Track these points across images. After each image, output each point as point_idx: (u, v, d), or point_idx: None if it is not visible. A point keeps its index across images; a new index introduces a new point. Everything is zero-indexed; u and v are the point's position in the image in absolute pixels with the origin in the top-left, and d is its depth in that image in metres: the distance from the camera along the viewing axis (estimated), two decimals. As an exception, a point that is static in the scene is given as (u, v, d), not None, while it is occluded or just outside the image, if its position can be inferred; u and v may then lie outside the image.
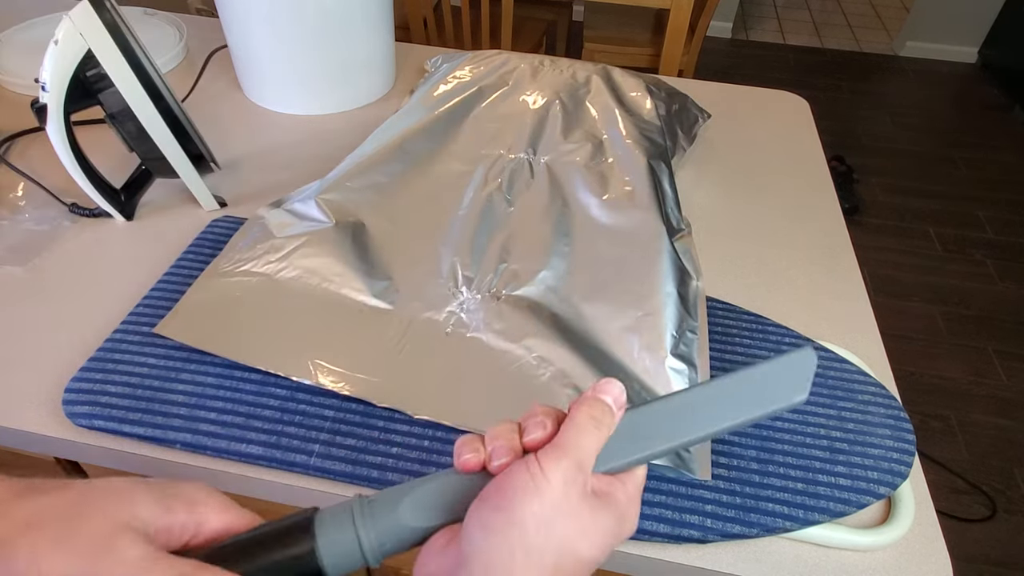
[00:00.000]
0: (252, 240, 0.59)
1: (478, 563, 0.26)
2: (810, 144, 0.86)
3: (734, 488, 0.46)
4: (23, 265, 0.62)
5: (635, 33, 1.91)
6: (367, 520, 0.29)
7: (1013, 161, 2.44)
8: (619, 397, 0.31)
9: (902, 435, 0.50)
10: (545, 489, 0.27)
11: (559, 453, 0.28)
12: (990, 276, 1.96)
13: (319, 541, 0.28)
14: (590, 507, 0.28)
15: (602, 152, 0.70)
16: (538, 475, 0.27)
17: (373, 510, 0.29)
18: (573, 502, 0.28)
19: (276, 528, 0.29)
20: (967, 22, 2.97)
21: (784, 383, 0.30)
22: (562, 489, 0.27)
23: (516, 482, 0.27)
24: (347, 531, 0.28)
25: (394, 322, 0.53)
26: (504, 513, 0.27)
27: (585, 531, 0.28)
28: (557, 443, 0.29)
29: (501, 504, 0.27)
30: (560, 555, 0.27)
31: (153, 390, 0.50)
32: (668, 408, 0.31)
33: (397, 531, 0.29)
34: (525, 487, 0.27)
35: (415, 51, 1.01)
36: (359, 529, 0.28)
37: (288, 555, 0.28)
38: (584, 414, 0.30)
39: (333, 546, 0.28)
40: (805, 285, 0.65)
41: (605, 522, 0.29)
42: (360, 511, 0.29)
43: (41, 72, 0.57)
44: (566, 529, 0.27)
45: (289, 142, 0.81)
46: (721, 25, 3.19)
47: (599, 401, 0.30)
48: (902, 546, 0.45)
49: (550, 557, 0.27)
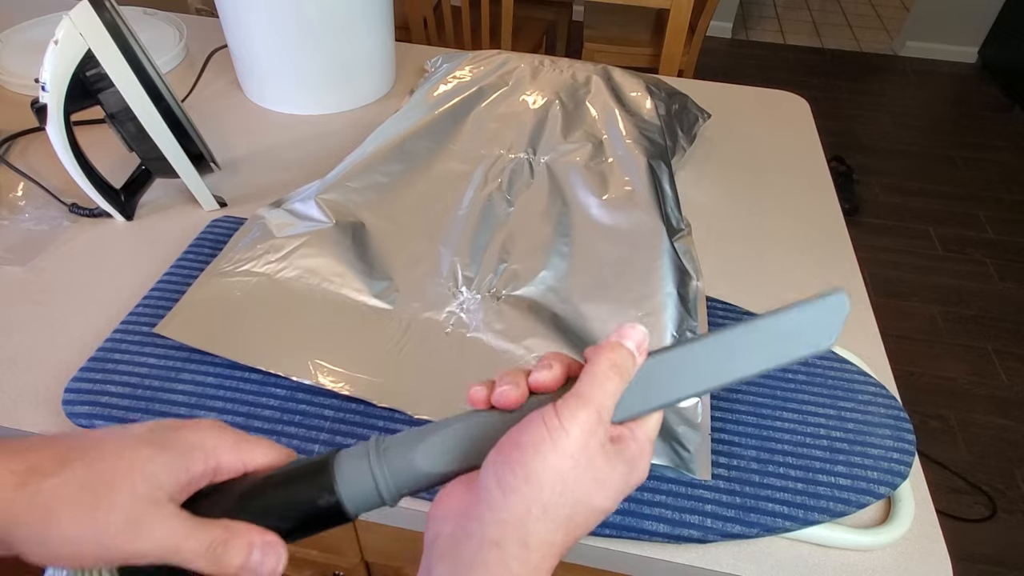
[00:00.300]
0: (252, 240, 0.59)
1: (492, 518, 0.26)
2: (810, 144, 0.86)
3: (734, 488, 0.46)
4: (23, 265, 0.62)
5: (635, 33, 1.91)
6: (382, 463, 0.29)
7: (1013, 161, 2.44)
8: (642, 343, 0.30)
9: (902, 435, 0.50)
10: (563, 443, 0.26)
11: (578, 403, 0.27)
12: (990, 276, 1.96)
13: (338, 481, 0.29)
14: (606, 457, 0.28)
15: (602, 152, 0.70)
16: (556, 428, 0.26)
17: (388, 454, 0.29)
18: (591, 454, 0.27)
19: (297, 468, 0.30)
20: (967, 22, 2.97)
21: (811, 329, 0.28)
22: (581, 442, 0.27)
23: (534, 437, 0.26)
24: (364, 472, 0.29)
25: (394, 322, 0.53)
26: (521, 470, 0.26)
27: (600, 482, 0.27)
28: (576, 392, 0.28)
29: (518, 460, 0.26)
30: (575, 507, 0.27)
31: (153, 390, 0.50)
32: (690, 354, 0.29)
33: (412, 475, 0.29)
34: (542, 441, 0.26)
35: (415, 51, 1.01)
36: (375, 471, 0.29)
37: (309, 493, 0.29)
38: (605, 361, 0.28)
39: (351, 485, 0.29)
40: (805, 285, 0.65)
41: (619, 471, 0.28)
42: (376, 454, 0.29)
43: (41, 72, 0.57)
44: (582, 482, 0.27)
45: (289, 142, 0.81)
46: (721, 25, 3.19)
47: (621, 347, 0.29)
48: (902, 546, 0.45)
49: (565, 510, 0.26)
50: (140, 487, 0.27)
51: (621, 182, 0.65)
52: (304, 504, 0.29)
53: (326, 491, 0.28)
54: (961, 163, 2.42)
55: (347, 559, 0.62)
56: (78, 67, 0.57)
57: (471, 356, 0.51)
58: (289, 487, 0.29)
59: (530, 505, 0.26)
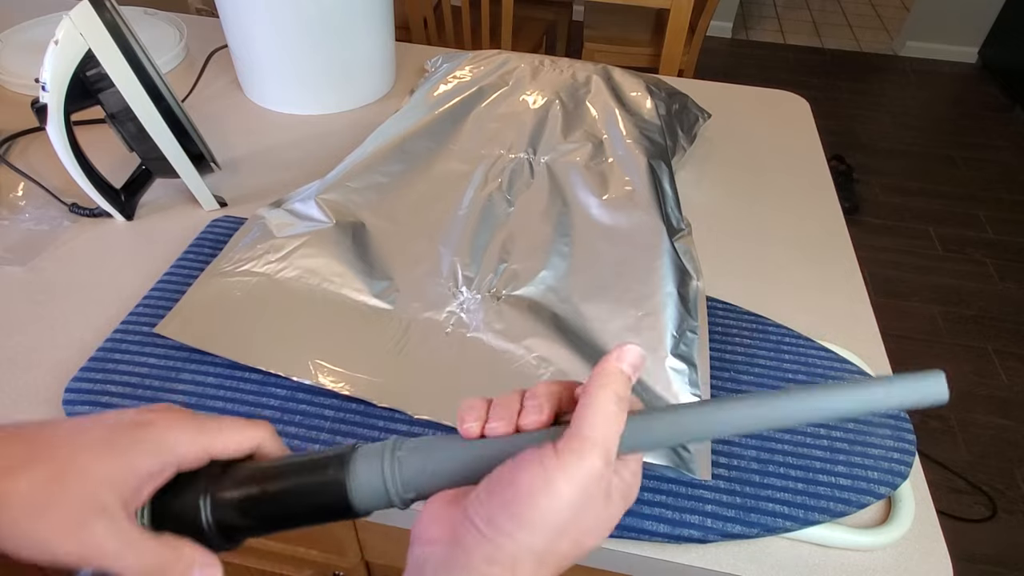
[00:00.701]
0: (252, 240, 0.59)
1: (482, 555, 0.25)
2: (810, 144, 0.86)
3: (734, 488, 0.46)
4: (23, 265, 0.62)
5: (635, 33, 1.91)
6: (395, 471, 0.29)
7: (1013, 161, 2.44)
8: (639, 364, 0.27)
9: (902, 435, 0.50)
10: (563, 492, 0.24)
11: (583, 446, 0.25)
12: (990, 276, 1.96)
13: (350, 478, 0.29)
14: (606, 499, 0.26)
15: (602, 152, 0.70)
16: (554, 476, 0.24)
17: (402, 464, 0.29)
18: (592, 500, 0.25)
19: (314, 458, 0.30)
20: (967, 22, 2.97)
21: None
22: (584, 488, 0.24)
23: (531, 483, 0.24)
24: (376, 476, 0.29)
25: (394, 322, 0.53)
26: (514, 514, 0.24)
27: (597, 526, 0.26)
28: (580, 433, 0.25)
29: (513, 502, 0.24)
30: (569, 550, 0.26)
31: (153, 390, 0.50)
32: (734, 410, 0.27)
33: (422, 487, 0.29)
34: (539, 491, 0.24)
35: (415, 51, 1.01)
36: (387, 477, 0.29)
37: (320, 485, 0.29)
38: (610, 395, 0.26)
39: (362, 487, 0.29)
40: (805, 285, 0.65)
41: (617, 507, 0.27)
42: (390, 462, 0.29)
43: (41, 72, 0.57)
44: (580, 529, 0.25)
45: (289, 142, 0.81)
46: (721, 25, 3.19)
47: (623, 376, 0.27)
48: (902, 546, 0.45)
49: (558, 556, 0.25)
50: (88, 492, 0.27)
51: (621, 182, 0.65)
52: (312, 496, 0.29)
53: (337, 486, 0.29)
54: (961, 163, 2.42)
55: (347, 559, 0.62)
56: (78, 67, 0.57)
57: (471, 356, 0.51)
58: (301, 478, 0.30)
59: (522, 552, 0.25)
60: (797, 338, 0.57)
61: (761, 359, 0.55)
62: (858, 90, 2.86)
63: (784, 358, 0.55)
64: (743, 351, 0.56)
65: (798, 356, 0.56)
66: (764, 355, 0.56)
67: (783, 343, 0.57)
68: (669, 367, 0.50)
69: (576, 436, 0.25)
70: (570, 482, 0.24)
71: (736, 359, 0.55)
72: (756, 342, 0.57)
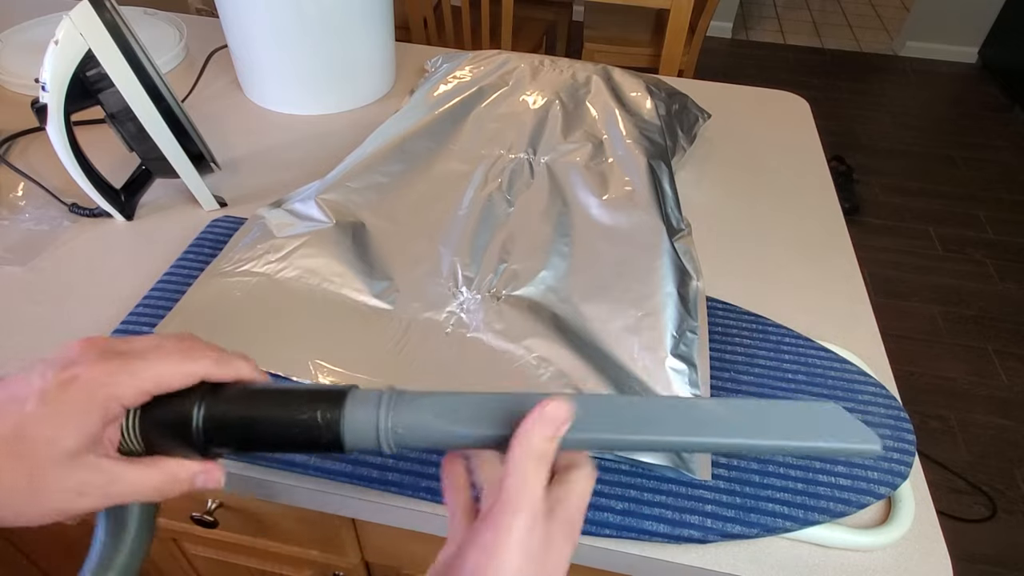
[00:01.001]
0: (252, 240, 0.59)
1: None
2: (810, 144, 0.86)
3: (734, 488, 0.46)
4: (23, 265, 0.62)
5: (635, 33, 1.91)
6: (390, 409, 0.30)
7: (1013, 161, 2.45)
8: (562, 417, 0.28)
9: (902, 435, 0.50)
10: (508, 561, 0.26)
11: (504, 510, 0.27)
12: (990, 276, 1.96)
13: (344, 412, 0.30)
14: (548, 541, 0.27)
15: (602, 152, 0.70)
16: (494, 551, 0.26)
17: (399, 403, 0.30)
18: (535, 551, 0.27)
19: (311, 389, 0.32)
20: (967, 22, 2.97)
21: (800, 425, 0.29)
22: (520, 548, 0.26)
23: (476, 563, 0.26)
24: (370, 412, 0.30)
25: (394, 322, 0.53)
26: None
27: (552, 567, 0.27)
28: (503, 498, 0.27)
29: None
30: None
31: (153, 390, 0.50)
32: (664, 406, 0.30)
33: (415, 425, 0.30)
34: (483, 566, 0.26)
35: (415, 51, 1.01)
36: (380, 414, 0.30)
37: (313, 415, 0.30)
38: (527, 454, 0.28)
39: (354, 422, 0.30)
40: (805, 285, 0.65)
41: (560, 553, 0.28)
42: (388, 399, 0.30)
43: (41, 72, 0.57)
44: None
45: (289, 142, 0.81)
46: (721, 25, 3.19)
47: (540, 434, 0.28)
48: (902, 546, 0.45)
49: None
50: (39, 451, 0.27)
51: (621, 182, 0.65)
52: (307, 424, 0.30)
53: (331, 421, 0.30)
54: (961, 163, 2.42)
55: (347, 559, 0.62)
56: (78, 67, 0.57)
57: (471, 356, 0.51)
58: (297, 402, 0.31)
59: None
60: (797, 338, 0.57)
61: (761, 359, 0.55)
62: (858, 90, 2.86)
63: (784, 358, 0.55)
64: (743, 351, 0.56)
65: (798, 356, 0.56)
66: (764, 355, 0.56)
67: (783, 343, 0.57)
68: (669, 367, 0.50)
69: (500, 500, 0.27)
70: (510, 549, 0.26)
71: (736, 359, 0.55)
72: (756, 342, 0.57)
